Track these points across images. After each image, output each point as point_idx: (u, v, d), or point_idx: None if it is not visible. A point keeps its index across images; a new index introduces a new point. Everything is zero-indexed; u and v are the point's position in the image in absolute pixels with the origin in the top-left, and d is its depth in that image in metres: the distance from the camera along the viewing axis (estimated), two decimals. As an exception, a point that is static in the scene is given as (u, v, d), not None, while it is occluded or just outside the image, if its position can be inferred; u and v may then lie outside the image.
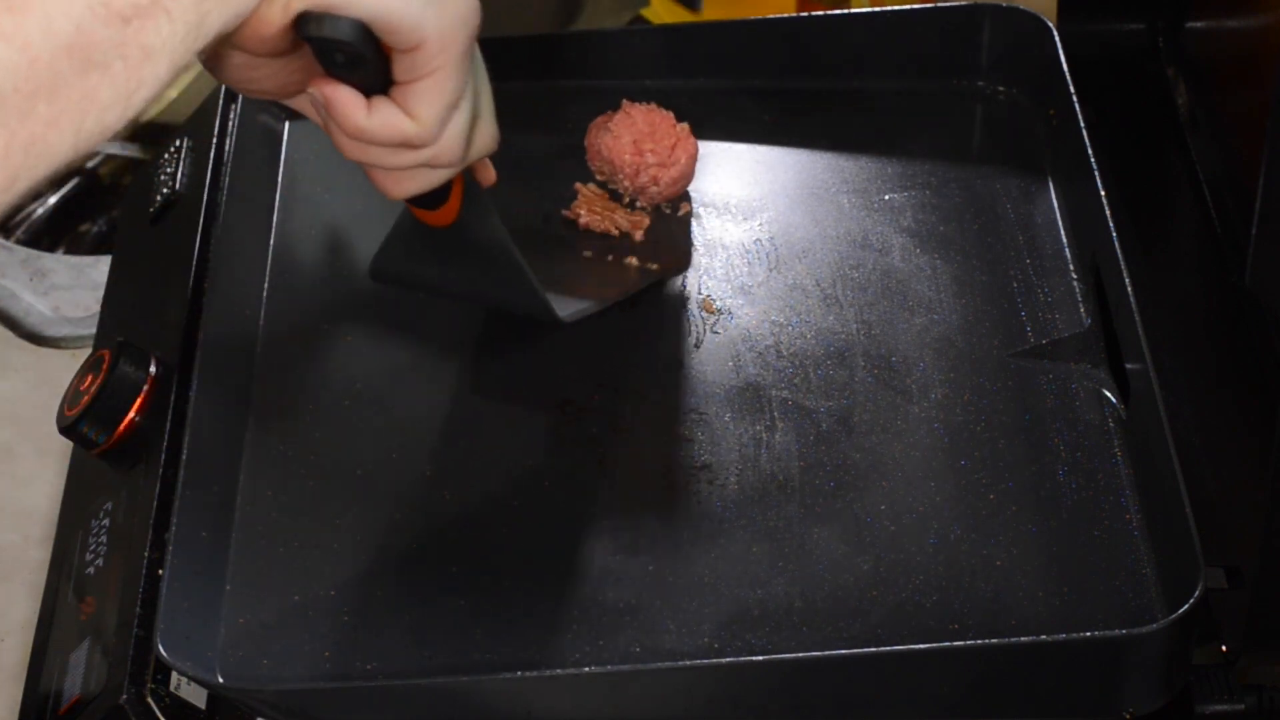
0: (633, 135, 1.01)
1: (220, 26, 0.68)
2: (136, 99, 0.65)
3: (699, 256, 1.01)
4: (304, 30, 0.73)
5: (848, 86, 1.09)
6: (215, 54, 0.76)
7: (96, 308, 1.16)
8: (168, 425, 0.92)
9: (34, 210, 1.43)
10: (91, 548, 0.93)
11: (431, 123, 0.77)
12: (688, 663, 0.83)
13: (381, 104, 0.77)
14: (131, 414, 0.93)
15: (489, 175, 0.90)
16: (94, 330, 1.06)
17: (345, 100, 0.77)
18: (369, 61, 0.75)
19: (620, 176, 1.02)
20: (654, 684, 0.83)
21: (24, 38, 0.60)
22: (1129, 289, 0.91)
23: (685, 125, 1.02)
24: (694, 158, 1.02)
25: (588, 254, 1.01)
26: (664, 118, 1.02)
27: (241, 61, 0.77)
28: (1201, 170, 1.02)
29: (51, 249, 1.55)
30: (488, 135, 0.83)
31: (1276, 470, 0.80)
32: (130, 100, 0.64)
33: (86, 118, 0.62)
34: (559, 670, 0.83)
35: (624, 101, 1.03)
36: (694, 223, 1.03)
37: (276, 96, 0.81)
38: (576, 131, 1.06)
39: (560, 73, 1.10)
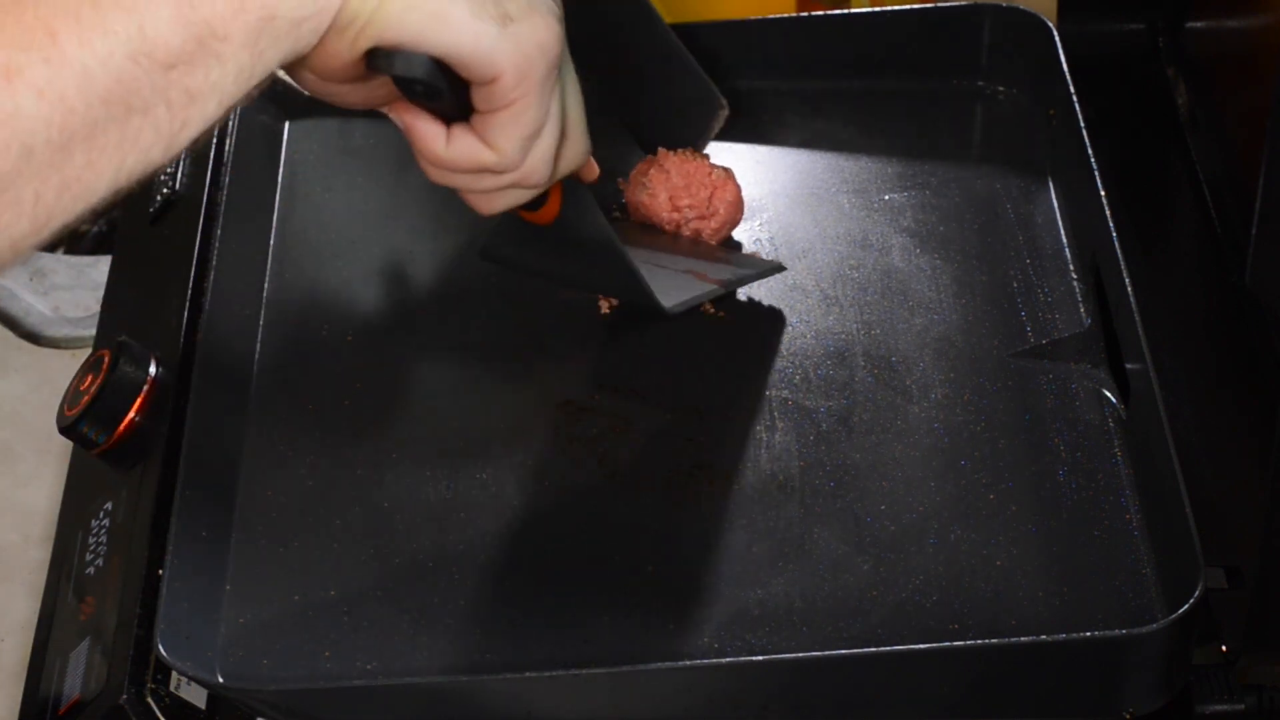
0: (668, 191, 0.99)
1: (277, 63, 0.65)
2: (182, 138, 0.62)
3: (699, 256, 1.01)
4: (375, 64, 0.71)
5: (848, 86, 1.09)
6: (290, 70, 0.73)
7: (96, 308, 1.16)
8: (168, 425, 0.92)
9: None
10: (91, 548, 0.93)
11: (512, 152, 0.75)
12: (688, 663, 0.83)
13: (461, 134, 0.75)
14: (131, 414, 0.93)
15: (592, 172, 0.87)
16: (94, 330, 1.06)
17: (424, 131, 0.75)
18: (446, 93, 0.73)
19: (664, 231, 1.01)
20: (654, 684, 0.83)
21: (59, 91, 0.58)
22: (1129, 289, 0.91)
23: (723, 170, 1.00)
24: (736, 203, 1.00)
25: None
26: (698, 166, 1.00)
27: (316, 82, 0.75)
28: (1201, 170, 1.02)
29: (51, 249, 1.55)
30: (578, 151, 0.80)
31: (1276, 470, 0.80)
32: (175, 140, 0.62)
33: (127, 158, 0.60)
34: (559, 670, 0.83)
35: (660, 151, 1.01)
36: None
37: (363, 106, 0.78)
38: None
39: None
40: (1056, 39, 1.04)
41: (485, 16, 0.70)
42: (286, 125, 1.09)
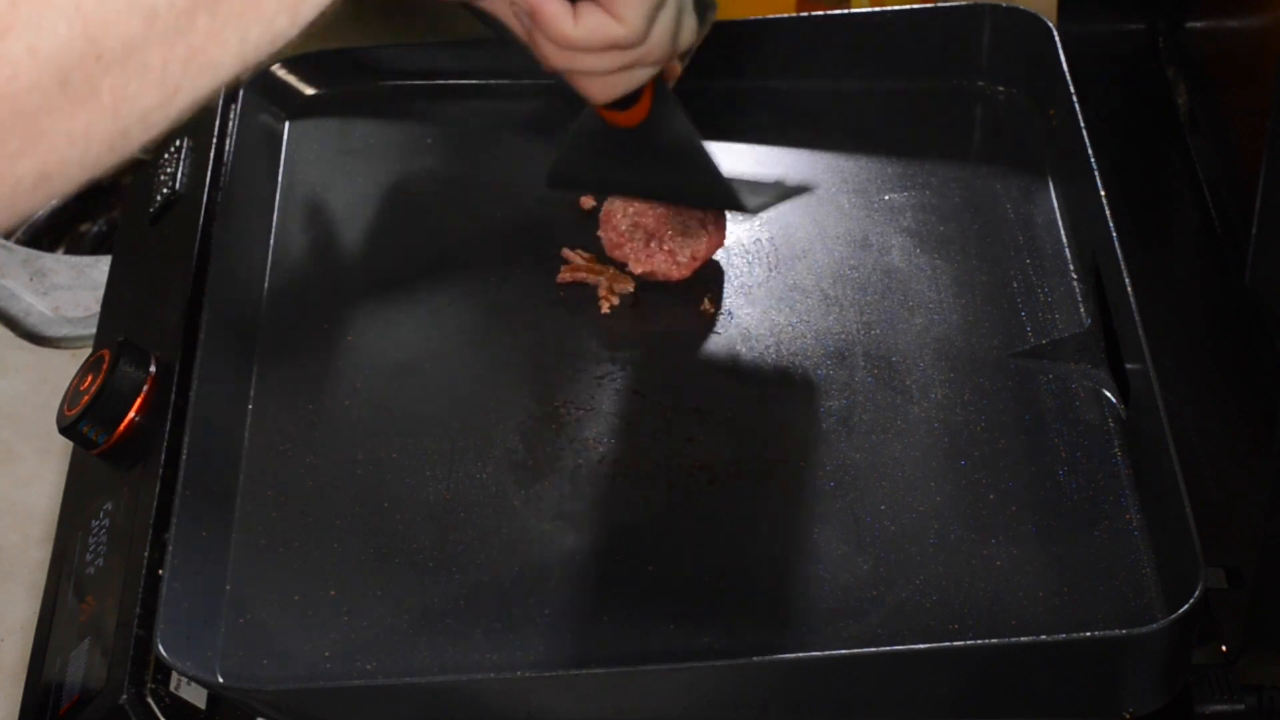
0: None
1: None
2: (307, 6, 0.60)
3: (699, 256, 1.01)
4: None
5: (848, 86, 1.09)
6: None
7: (96, 308, 1.16)
8: (168, 425, 0.92)
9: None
10: (91, 548, 0.93)
11: (639, 23, 0.76)
12: (688, 663, 0.83)
13: (587, 10, 0.76)
14: (131, 414, 0.93)
15: (675, 70, 0.88)
16: (94, 330, 1.06)
17: (551, 11, 0.76)
18: None
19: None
20: (654, 684, 0.83)
21: None
22: (1129, 289, 0.91)
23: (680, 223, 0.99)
24: (701, 248, 0.99)
25: None
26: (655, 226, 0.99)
27: None
28: (1201, 170, 1.02)
29: (51, 249, 1.55)
30: (691, 27, 0.81)
31: (1277, 470, 0.80)
32: (299, 7, 0.60)
33: (251, 29, 0.58)
34: (559, 670, 0.83)
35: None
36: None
37: (476, 1, 0.79)
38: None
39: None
40: (1056, 39, 1.04)
41: None
42: (286, 125, 1.09)
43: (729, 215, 1.02)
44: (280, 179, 1.07)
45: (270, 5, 0.59)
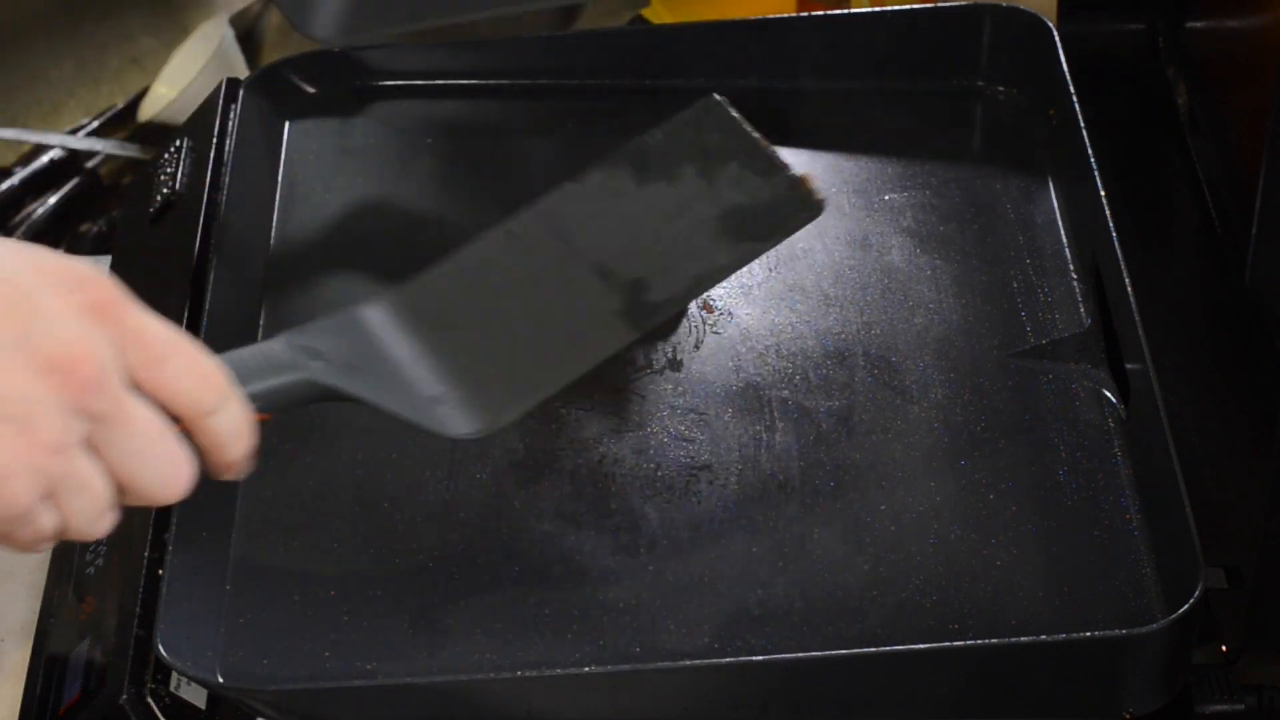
0: None
1: None
2: None
3: (699, 256, 1.01)
4: None
5: (848, 86, 1.09)
6: None
7: (96, 308, 1.16)
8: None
9: (34, 210, 1.43)
10: (91, 548, 0.93)
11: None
12: (688, 663, 0.83)
13: None
14: (131, 414, 0.92)
15: None
16: (94, 330, 1.06)
17: None
18: None
19: None
20: (654, 684, 0.83)
21: None
22: (1129, 289, 0.91)
23: None
24: None
25: None
26: None
27: None
28: (1201, 170, 1.02)
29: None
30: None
31: (1277, 470, 0.80)
32: None
33: None
34: (559, 670, 0.83)
35: None
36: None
37: None
38: (576, 132, 1.06)
39: (560, 73, 1.10)
40: (1056, 39, 1.04)
41: None
42: (286, 125, 1.09)
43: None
44: (280, 179, 1.07)
45: None
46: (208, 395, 0.67)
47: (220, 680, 0.84)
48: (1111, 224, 0.94)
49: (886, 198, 1.03)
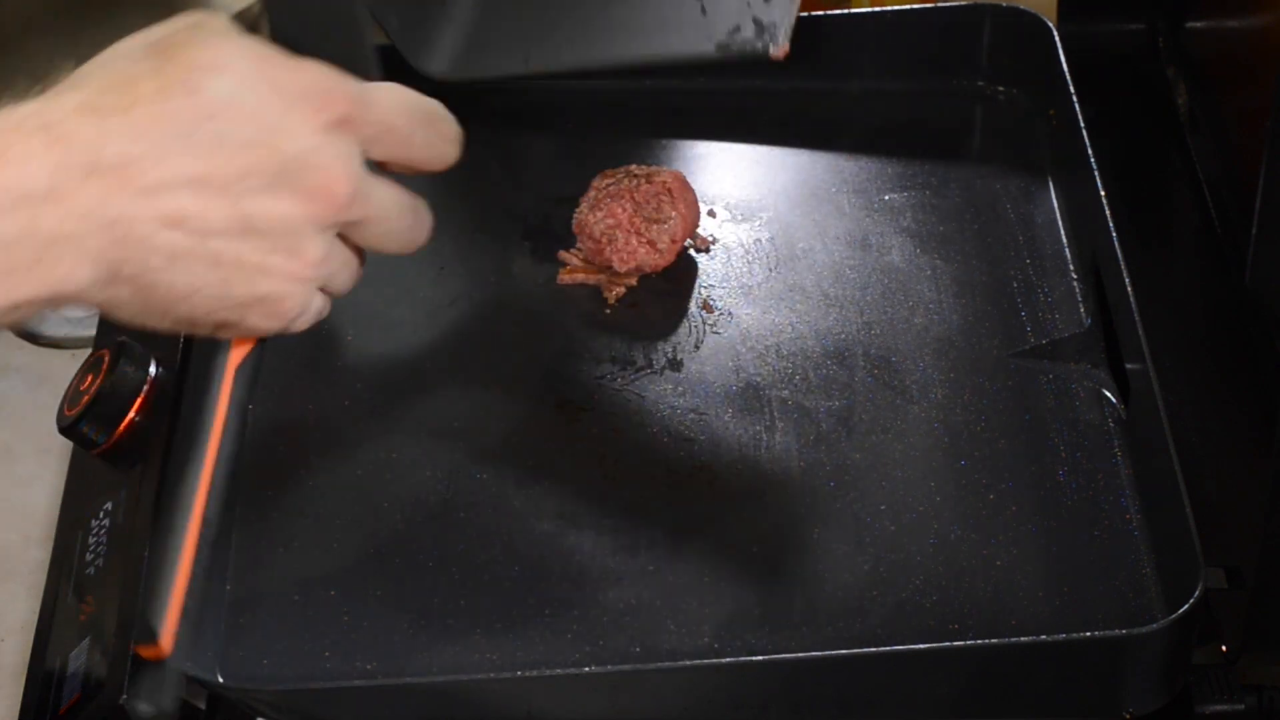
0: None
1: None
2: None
3: (699, 256, 1.01)
4: None
5: (847, 86, 1.09)
6: None
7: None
8: (167, 425, 0.92)
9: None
10: (91, 548, 0.93)
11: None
12: (688, 663, 0.83)
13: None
14: (131, 414, 0.92)
15: None
16: (94, 330, 1.06)
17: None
18: None
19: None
20: (654, 684, 0.83)
21: None
22: (1129, 289, 0.91)
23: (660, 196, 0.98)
24: (678, 229, 0.98)
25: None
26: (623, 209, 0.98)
27: None
28: (1201, 170, 1.02)
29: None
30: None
31: (1277, 470, 0.80)
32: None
33: None
34: (559, 670, 0.83)
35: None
36: (694, 223, 1.03)
37: None
38: (576, 132, 1.06)
39: (560, 72, 1.10)
40: (1056, 39, 1.04)
41: None
42: (286, 125, 1.09)
43: (726, 211, 1.02)
44: (280, 179, 1.07)
45: None
46: (451, 149, 0.73)
47: (220, 680, 0.84)
48: (1111, 224, 0.94)
49: (886, 198, 1.04)
